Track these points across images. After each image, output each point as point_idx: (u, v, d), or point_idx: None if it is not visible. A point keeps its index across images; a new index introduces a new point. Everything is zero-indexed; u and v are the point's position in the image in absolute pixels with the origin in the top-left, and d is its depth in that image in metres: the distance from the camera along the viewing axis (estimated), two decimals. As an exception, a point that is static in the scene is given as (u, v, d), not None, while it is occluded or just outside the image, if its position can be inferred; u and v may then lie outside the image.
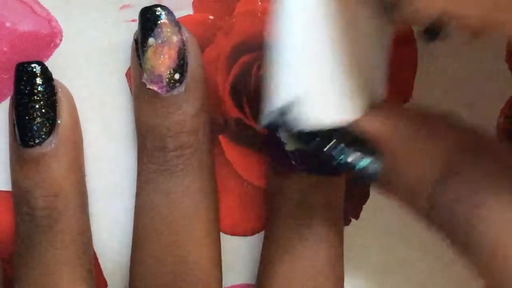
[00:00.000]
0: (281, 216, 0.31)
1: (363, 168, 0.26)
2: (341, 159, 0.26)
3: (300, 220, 0.30)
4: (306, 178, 0.30)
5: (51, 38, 0.32)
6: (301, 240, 0.30)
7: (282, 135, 0.27)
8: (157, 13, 0.29)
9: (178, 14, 0.32)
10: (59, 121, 0.30)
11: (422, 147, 0.26)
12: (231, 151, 0.33)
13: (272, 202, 0.32)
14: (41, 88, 0.30)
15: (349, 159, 0.26)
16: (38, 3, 0.32)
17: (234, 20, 0.32)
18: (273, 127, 0.25)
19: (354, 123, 0.26)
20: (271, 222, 0.31)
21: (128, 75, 0.32)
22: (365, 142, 0.26)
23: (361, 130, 0.26)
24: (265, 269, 0.31)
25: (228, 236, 0.33)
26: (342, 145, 0.26)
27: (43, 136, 0.30)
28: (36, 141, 0.30)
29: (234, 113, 0.32)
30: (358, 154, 0.26)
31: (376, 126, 0.27)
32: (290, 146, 0.30)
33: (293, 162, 0.30)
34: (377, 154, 0.26)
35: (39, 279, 0.30)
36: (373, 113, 0.27)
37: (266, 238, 0.32)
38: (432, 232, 0.33)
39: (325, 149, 0.27)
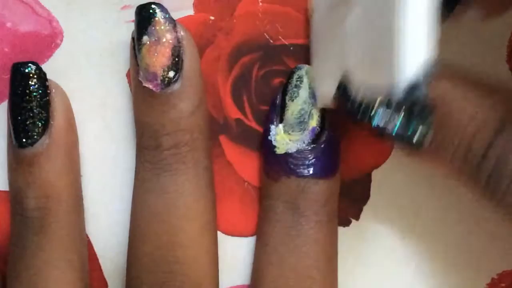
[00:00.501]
0: (271, 219, 0.31)
1: (416, 134, 0.27)
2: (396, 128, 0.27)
3: (289, 223, 0.30)
4: (296, 182, 0.30)
5: (52, 39, 0.32)
6: (289, 242, 0.30)
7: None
8: (150, 10, 0.29)
9: (179, 14, 0.32)
10: (52, 122, 0.30)
11: (481, 99, 0.27)
12: (231, 152, 0.33)
13: (263, 204, 0.32)
14: (34, 89, 0.30)
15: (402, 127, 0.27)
16: (39, 4, 0.32)
17: (235, 20, 0.32)
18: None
19: None
20: (261, 224, 0.31)
21: (128, 75, 0.32)
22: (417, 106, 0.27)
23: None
24: (255, 270, 0.31)
25: (228, 237, 0.33)
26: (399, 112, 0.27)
27: (36, 137, 0.30)
28: (28, 141, 0.30)
29: (234, 113, 0.32)
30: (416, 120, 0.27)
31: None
32: (280, 150, 0.30)
33: (283, 165, 0.30)
34: (429, 118, 0.27)
35: (30, 280, 0.30)
36: None
37: (257, 240, 0.32)
38: (432, 231, 0.33)
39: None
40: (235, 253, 0.33)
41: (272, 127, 0.31)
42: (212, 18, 0.32)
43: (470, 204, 0.33)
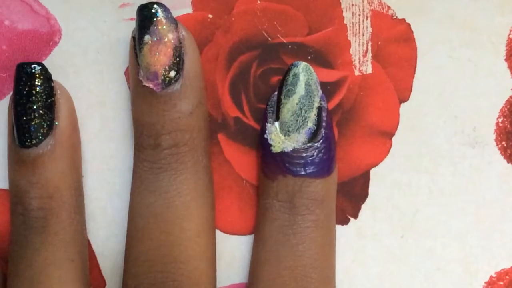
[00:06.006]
0: (268, 218, 0.31)
1: None
2: None
3: (286, 222, 0.30)
4: (293, 181, 0.30)
5: (50, 37, 0.32)
6: (286, 241, 0.30)
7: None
8: (153, 10, 0.29)
9: (177, 12, 0.32)
10: (56, 123, 0.30)
11: None
12: (230, 150, 0.33)
13: (261, 203, 0.31)
14: (40, 89, 0.30)
15: None
16: (38, 2, 0.32)
17: (233, 19, 0.32)
18: None
19: None
20: (259, 223, 0.31)
21: (127, 73, 0.32)
22: None
23: None
24: (253, 269, 0.31)
25: (227, 235, 0.33)
26: None
27: (40, 137, 0.30)
28: (33, 142, 0.30)
29: (233, 112, 0.32)
30: None
31: None
32: (276, 149, 0.30)
33: (280, 164, 0.30)
34: None
35: (33, 279, 0.30)
36: None
37: (254, 238, 0.32)
38: (429, 233, 0.33)
39: None
40: (233, 251, 0.33)
41: (268, 125, 0.31)
42: (210, 16, 0.32)
43: (468, 203, 0.33)
